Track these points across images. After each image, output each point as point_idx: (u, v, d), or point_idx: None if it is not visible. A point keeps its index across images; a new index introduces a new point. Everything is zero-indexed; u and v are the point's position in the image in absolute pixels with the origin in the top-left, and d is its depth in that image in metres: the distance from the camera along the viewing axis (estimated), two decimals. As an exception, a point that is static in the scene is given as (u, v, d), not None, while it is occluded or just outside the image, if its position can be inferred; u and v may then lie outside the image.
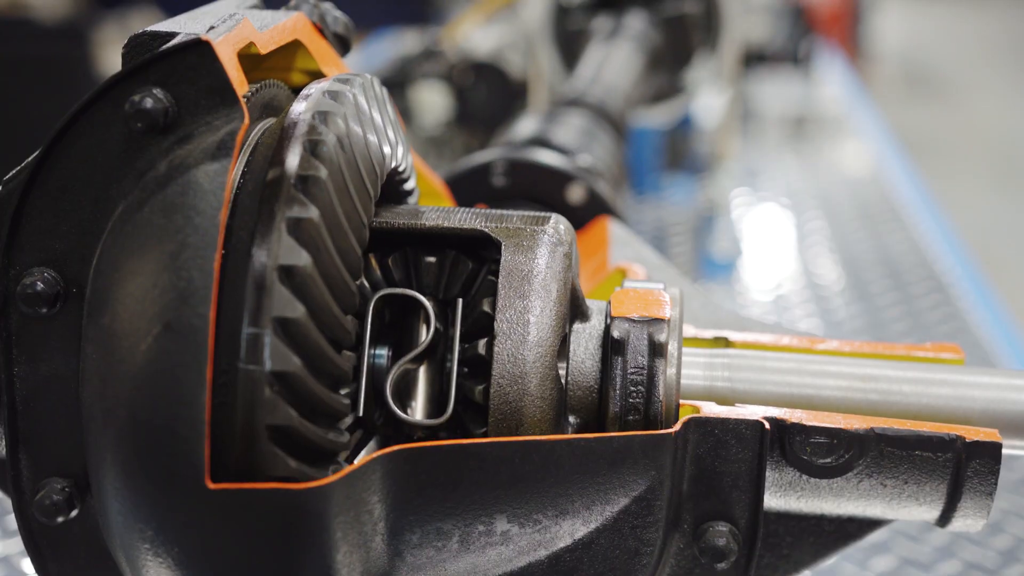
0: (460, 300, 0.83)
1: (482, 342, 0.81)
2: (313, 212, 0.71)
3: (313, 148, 0.73)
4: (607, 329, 0.85)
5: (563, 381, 0.82)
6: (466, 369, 0.82)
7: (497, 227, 0.84)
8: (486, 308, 0.82)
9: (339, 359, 0.74)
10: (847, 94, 4.33)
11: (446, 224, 0.85)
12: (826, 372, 0.89)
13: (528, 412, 0.79)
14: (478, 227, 0.84)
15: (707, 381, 0.88)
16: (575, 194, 1.33)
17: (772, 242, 2.78)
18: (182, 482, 0.68)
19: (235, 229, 0.72)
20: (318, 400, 0.72)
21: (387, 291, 0.83)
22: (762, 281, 2.54)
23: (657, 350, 0.82)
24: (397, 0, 6.75)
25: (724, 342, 0.95)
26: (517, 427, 0.78)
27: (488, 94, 2.56)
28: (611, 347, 0.83)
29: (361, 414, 0.80)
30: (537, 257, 0.82)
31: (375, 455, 0.73)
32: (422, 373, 0.83)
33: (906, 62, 10.18)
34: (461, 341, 0.82)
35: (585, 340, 0.85)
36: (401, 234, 0.86)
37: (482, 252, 0.85)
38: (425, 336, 0.82)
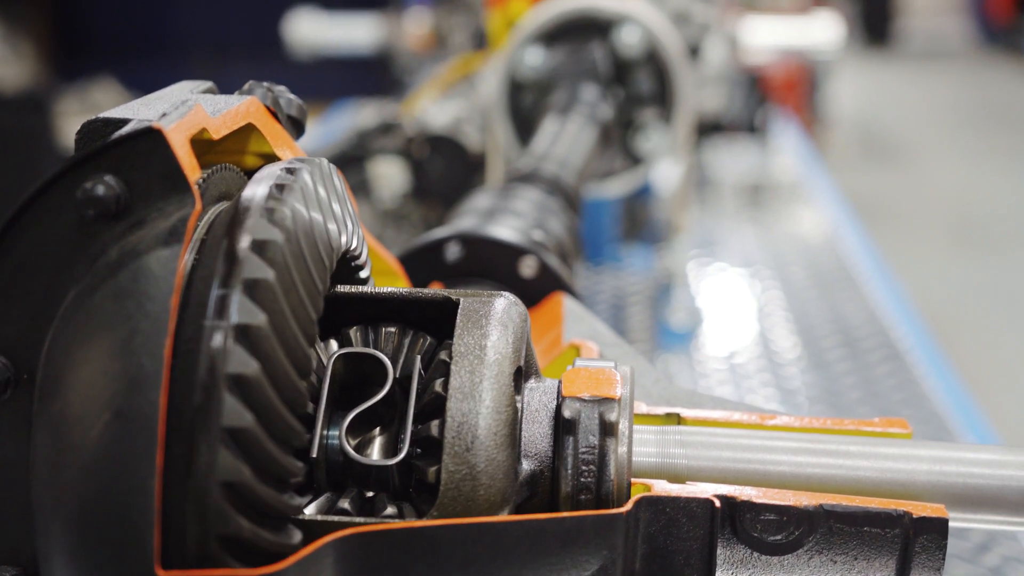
0: (419, 358, 0.84)
1: (439, 380, 0.81)
2: (260, 317, 0.71)
3: (260, 248, 0.73)
4: (558, 408, 0.85)
5: (518, 411, 0.83)
6: (419, 425, 0.82)
7: (455, 292, 0.86)
8: (444, 357, 0.83)
9: (289, 462, 0.73)
10: (803, 161, 4.39)
11: (405, 292, 0.87)
12: (776, 448, 0.89)
13: (483, 425, 0.78)
14: (437, 294, 0.86)
15: (659, 458, 0.89)
16: (527, 268, 1.34)
17: (729, 311, 2.80)
18: (132, 570, 0.67)
19: (186, 317, 0.72)
20: (268, 507, 0.71)
21: (345, 351, 0.83)
22: (719, 350, 2.55)
23: (608, 429, 0.83)
24: (357, 73, 6.83)
25: (676, 419, 0.96)
26: (472, 441, 0.78)
27: (445, 167, 2.57)
28: (562, 427, 0.83)
29: (313, 467, 0.80)
30: (494, 305, 0.84)
31: (327, 539, 0.73)
32: (377, 435, 0.84)
33: (861, 128, 10.33)
34: (418, 399, 0.82)
35: (537, 408, 0.86)
36: (360, 301, 0.87)
37: (440, 330, 0.86)
38: (385, 386, 0.82)
